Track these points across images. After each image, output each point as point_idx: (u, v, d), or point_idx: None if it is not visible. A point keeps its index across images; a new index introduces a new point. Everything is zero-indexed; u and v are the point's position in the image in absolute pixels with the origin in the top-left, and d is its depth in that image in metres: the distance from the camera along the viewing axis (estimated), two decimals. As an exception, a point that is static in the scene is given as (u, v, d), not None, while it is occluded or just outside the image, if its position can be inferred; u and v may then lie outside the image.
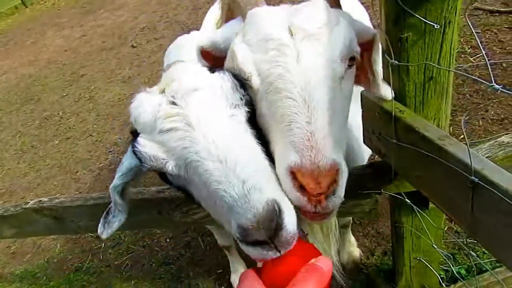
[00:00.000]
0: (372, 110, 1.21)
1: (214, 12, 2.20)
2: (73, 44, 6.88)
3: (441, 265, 1.81)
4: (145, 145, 0.86)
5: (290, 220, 0.73)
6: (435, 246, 1.42)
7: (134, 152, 0.88)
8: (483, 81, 0.89)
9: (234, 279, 2.30)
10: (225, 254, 2.32)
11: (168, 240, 2.82)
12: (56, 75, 6.02)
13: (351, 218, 2.14)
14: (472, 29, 0.91)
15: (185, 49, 2.07)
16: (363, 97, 1.25)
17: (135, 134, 0.91)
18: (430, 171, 1.06)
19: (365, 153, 1.53)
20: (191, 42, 1.67)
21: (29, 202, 1.76)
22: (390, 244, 2.23)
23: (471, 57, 3.51)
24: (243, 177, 0.74)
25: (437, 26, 0.98)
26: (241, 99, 0.88)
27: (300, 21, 0.80)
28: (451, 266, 1.73)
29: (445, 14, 0.98)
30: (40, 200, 1.73)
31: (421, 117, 1.11)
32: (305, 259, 0.72)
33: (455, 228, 2.15)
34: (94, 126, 4.48)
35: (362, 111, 1.28)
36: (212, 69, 0.93)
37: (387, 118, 1.14)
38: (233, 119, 0.85)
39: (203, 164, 0.78)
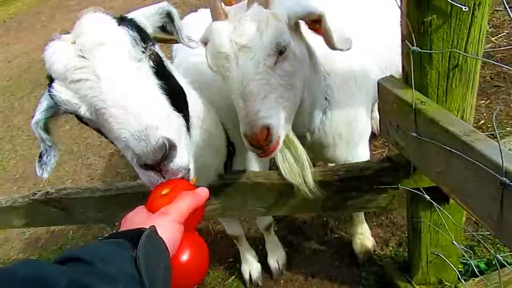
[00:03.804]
0: (390, 100, 1.13)
1: None
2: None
3: (459, 258, 1.75)
4: (60, 90, 0.97)
5: (180, 156, 0.93)
6: (455, 243, 1.35)
7: (51, 96, 1.00)
8: (505, 66, 0.81)
9: (245, 269, 2.27)
10: (235, 243, 2.30)
11: (178, 227, 2.81)
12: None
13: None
14: (507, 6, 0.81)
15: (191, 27, 2.01)
16: (380, 86, 1.16)
17: (51, 78, 1.00)
18: (453, 167, 0.98)
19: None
20: (198, 20, 1.66)
21: (36, 193, 1.74)
22: (405, 235, 2.16)
23: (493, 37, 3.32)
24: (141, 118, 0.89)
25: (465, 8, 0.88)
26: (143, 52, 1.01)
27: (237, 36, 1.09)
28: (469, 260, 1.66)
29: (475, -6, 0.88)
30: (48, 192, 1.71)
31: (444, 108, 1.02)
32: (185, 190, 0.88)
33: (473, 219, 2.07)
34: (104, 111, 4.45)
35: (379, 102, 1.20)
36: (120, 21, 1.03)
37: (407, 110, 1.06)
38: (138, 72, 0.98)
39: (108, 109, 0.92)
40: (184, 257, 0.77)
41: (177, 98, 1.12)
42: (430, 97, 1.06)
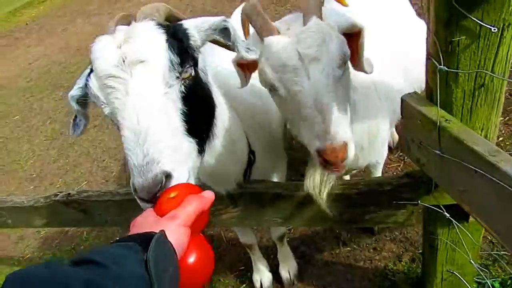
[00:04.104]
0: (414, 117, 1.14)
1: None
2: (102, 31, 6.93)
3: (474, 276, 1.72)
4: (94, 85, 1.03)
5: (176, 182, 0.93)
6: (473, 262, 1.34)
7: (86, 85, 1.07)
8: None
9: (256, 278, 2.27)
10: (247, 251, 2.30)
11: (191, 233, 2.82)
12: (85, 63, 6.10)
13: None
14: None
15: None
16: (404, 103, 1.17)
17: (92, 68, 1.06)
18: (476, 187, 0.98)
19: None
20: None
21: (58, 194, 1.78)
22: (419, 251, 2.14)
23: None
24: (147, 151, 0.92)
25: (494, 29, 0.89)
26: (177, 77, 1.03)
27: (304, 48, 1.06)
28: (486, 279, 1.64)
29: (504, 15, 0.89)
30: (69, 193, 1.75)
31: (469, 128, 1.03)
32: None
33: (489, 238, 2.04)
34: (121, 115, 4.52)
35: (402, 117, 1.20)
36: (170, 36, 1.05)
37: (431, 127, 1.07)
38: (165, 97, 1.00)
39: (123, 129, 0.96)
40: (191, 259, 0.80)
41: (202, 119, 1.13)
42: (455, 115, 1.06)
